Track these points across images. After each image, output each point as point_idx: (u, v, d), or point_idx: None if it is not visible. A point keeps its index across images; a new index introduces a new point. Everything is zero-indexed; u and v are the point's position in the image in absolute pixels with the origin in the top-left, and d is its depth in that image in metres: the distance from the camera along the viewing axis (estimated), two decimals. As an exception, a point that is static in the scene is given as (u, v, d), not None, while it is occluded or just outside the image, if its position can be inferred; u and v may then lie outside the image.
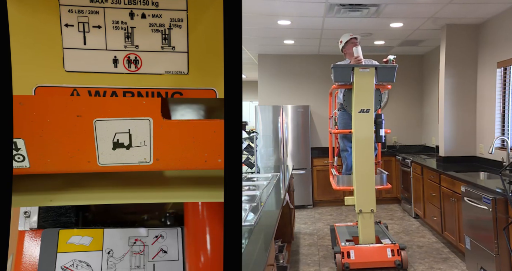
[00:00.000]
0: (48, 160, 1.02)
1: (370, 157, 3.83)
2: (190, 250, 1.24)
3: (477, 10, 4.40)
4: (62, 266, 1.33)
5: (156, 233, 1.40)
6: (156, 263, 1.38)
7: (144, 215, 1.51)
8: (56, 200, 1.13)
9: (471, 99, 5.02)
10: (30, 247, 1.35)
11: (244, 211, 2.43)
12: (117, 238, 1.37)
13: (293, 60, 7.05)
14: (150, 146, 1.03)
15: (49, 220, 1.38)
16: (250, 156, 4.17)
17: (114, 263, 1.35)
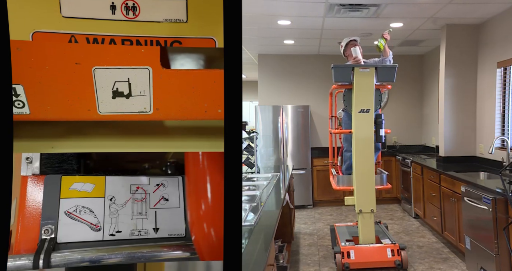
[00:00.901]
0: (48, 107, 1.01)
1: (370, 157, 3.83)
2: (191, 198, 1.25)
3: (477, 10, 4.40)
4: (65, 211, 1.35)
5: (157, 181, 1.41)
6: (158, 210, 1.39)
7: (145, 164, 1.51)
8: (57, 147, 1.13)
9: (471, 99, 5.02)
10: (33, 192, 1.36)
11: (244, 211, 2.43)
12: (119, 186, 1.39)
13: (293, 60, 7.05)
14: (149, 96, 1.03)
15: (51, 167, 1.40)
16: (250, 156, 4.17)
17: (116, 209, 1.37)
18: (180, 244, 1.36)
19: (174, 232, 1.39)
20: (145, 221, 1.38)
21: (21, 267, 1.26)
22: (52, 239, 1.32)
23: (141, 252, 1.32)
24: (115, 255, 1.30)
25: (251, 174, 4.08)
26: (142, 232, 1.36)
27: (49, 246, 1.30)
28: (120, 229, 1.36)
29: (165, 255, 1.34)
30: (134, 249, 1.32)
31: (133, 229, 1.36)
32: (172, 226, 1.39)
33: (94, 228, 1.35)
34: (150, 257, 1.33)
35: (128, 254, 1.31)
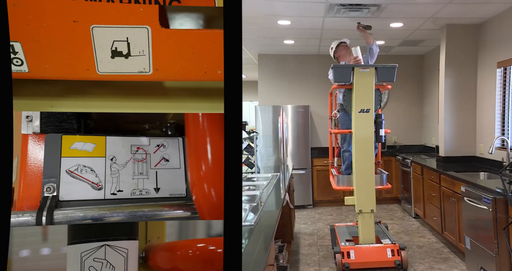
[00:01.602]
0: (47, 65, 1.01)
1: (370, 157, 3.83)
2: (191, 159, 1.26)
3: (477, 10, 4.40)
4: (66, 170, 1.36)
5: (158, 142, 1.42)
6: (159, 170, 1.41)
7: (145, 125, 1.52)
8: (57, 106, 1.14)
9: (471, 99, 5.01)
10: (34, 150, 1.37)
11: (244, 211, 2.43)
12: (119, 146, 1.39)
13: (293, 60, 7.04)
14: (149, 56, 1.02)
15: (52, 126, 1.40)
16: (250, 156, 4.17)
17: (117, 169, 1.38)
18: (181, 204, 1.37)
19: (175, 192, 1.40)
20: (146, 181, 1.39)
21: (24, 223, 1.27)
22: (54, 197, 1.33)
23: (142, 211, 1.33)
24: (117, 213, 1.31)
25: (251, 174, 4.08)
26: (143, 192, 1.38)
27: (52, 203, 1.31)
28: (121, 188, 1.37)
29: (166, 214, 1.35)
30: (135, 208, 1.33)
31: (134, 189, 1.37)
32: (173, 186, 1.40)
33: (96, 187, 1.36)
34: (152, 216, 1.34)
35: (129, 213, 1.32)
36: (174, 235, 1.66)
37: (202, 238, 1.55)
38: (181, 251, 1.36)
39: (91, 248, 1.25)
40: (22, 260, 1.45)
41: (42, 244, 1.48)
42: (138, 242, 1.36)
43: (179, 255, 1.36)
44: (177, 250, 1.38)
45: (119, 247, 1.28)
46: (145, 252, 1.42)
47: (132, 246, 1.31)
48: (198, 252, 1.33)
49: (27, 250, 1.46)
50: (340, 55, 4.24)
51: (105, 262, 1.25)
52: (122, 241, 1.29)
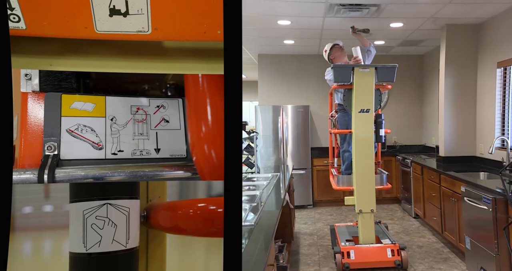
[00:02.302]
0: (44, 23, 1.00)
1: (370, 157, 3.83)
2: (191, 120, 1.26)
3: (477, 10, 4.40)
4: (67, 129, 1.36)
5: (158, 103, 1.42)
6: (159, 131, 1.41)
7: (145, 85, 1.52)
8: (55, 65, 1.13)
9: (471, 99, 5.01)
10: (34, 108, 1.37)
11: (244, 211, 2.43)
12: (119, 106, 1.40)
13: (293, 60, 7.04)
14: (147, 15, 1.00)
15: (51, 84, 1.40)
16: (250, 156, 4.17)
17: (117, 129, 1.38)
18: (182, 165, 1.39)
19: (175, 153, 1.41)
20: (146, 141, 1.39)
21: (26, 180, 1.28)
22: (55, 155, 1.34)
23: (143, 171, 1.34)
24: (118, 173, 1.33)
25: (251, 174, 4.08)
26: (144, 152, 1.39)
27: (53, 162, 1.32)
28: (122, 148, 1.38)
29: (167, 175, 1.36)
30: (136, 168, 1.34)
31: (135, 149, 1.38)
32: (173, 147, 1.41)
33: (96, 146, 1.37)
34: (152, 176, 1.35)
35: (130, 173, 1.33)
36: (175, 195, 1.67)
37: (203, 198, 1.56)
38: (182, 211, 1.37)
39: (93, 206, 1.26)
40: (25, 217, 1.47)
41: (44, 202, 1.50)
42: (140, 201, 1.37)
43: (180, 214, 1.37)
44: (178, 209, 1.39)
45: (121, 206, 1.28)
46: (146, 211, 1.42)
47: (134, 205, 1.32)
48: (199, 211, 1.33)
49: (30, 207, 1.48)
50: (334, 57, 4.24)
51: (107, 220, 1.26)
52: (123, 200, 1.30)
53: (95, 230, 1.24)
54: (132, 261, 1.32)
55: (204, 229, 1.33)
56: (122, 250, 1.27)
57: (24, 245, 1.46)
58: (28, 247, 1.47)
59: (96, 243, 1.24)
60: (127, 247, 1.29)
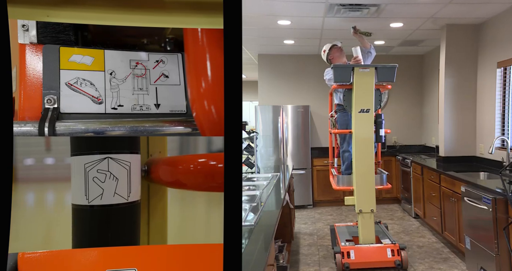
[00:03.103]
0: None
1: (370, 157, 3.83)
2: (191, 76, 1.25)
3: (477, 10, 4.40)
4: (66, 83, 1.36)
5: (157, 57, 1.41)
6: (158, 87, 1.41)
7: (144, 39, 1.51)
8: (53, 16, 1.12)
9: (471, 99, 5.01)
10: (32, 60, 1.36)
11: (244, 211, 2.43)
12: (118, 60, 1.39)
13: (293, 60, 7.04)
14: None
15: (48, 36, 1.38)
16: (250, 156, 4.17)
17: (117, 84, 1.38)
18: (182, 120, 1.39)
19: (175, 108, 1.41)
20: (146, 96, 1.39)
21: (27, 133, 1.28)
22: (55, 108, 1.33)
23: (143, 126, 1.34)
24: (118, 127, 1.33)
25: (251, 174, 4.08)
26: (144, 107, 1.38)
27: (53, 115, 1.32)
28: (121, 103, 1.37)
29: (167, 130, 1.36)
30: (136, 123, 1.34)
31: (135, 104, 1.38)
32: (173, 103, 1.41)
33: (96, 101, 1.36)
34: (153, 131, 1.35)
35: (131, 128, 1.33)
36: (175, 150, 1.68)
37: (203, 154, 1.57)
38: (183, 166, 1.38)
39: (94, 160, 1.27)
40: (27, 168, 1.49)
41: (45, 154, 1.51)
42: (140, 156, 1.38)
43: (181, 169, 1.38)
44: (178, 164, 1.40)
45: (122, 160, 1.30)
46: (147, 165, 1.43)
47: (135, 160, 1.33)
48: (199, 166, 1.35)
49: (31, 159, 1.49)
50: (333, 57, 4.25)
51: (108, 174, 1.27)
52: (124, 155, 1.31)
53: (97, 183, 1.26)
54: (133, 214, 1.35)
55: (205, 184, 1.34)
56: (124, 203, 1.30)
57: (27, 196, 1.48)
58: (31, 198, 1.50)
59: (98, 196, 1.27)
60: (128, 201, 1.31)
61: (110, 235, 1.30)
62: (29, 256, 1.18)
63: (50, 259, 1.18)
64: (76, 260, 1.18)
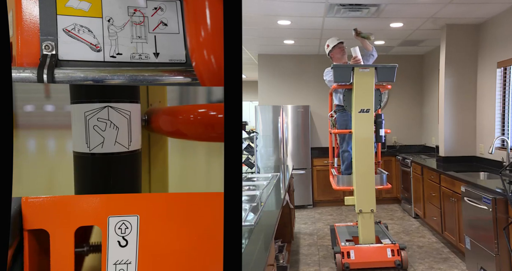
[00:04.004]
0: None
1: (370, 157, 3.83)
2: (190, 24, 1.23)
3: (477, 10, 4.40)
4: (64, 29, 1.34)
5: (155, 5, 1.40)
6: (157, 35, 1.40)
7: None
8: None
9: (471, 99, 5.01)
10: (28, 5, 1.34)
11: (244, 211, 2.43)
12: (116, 7, 1.37)
13: (293, 60, 7.04)
14: None
15: None
16: (250, 156, 4.17)
17: (115, 31, 1.37)
18: (181, 70, 1.37)
19: (174, 57, 1.39)
20: (145, 45, 1.38)
21: (25, 79, 1.27)
22: (53, 55, 1.32)
23: (143, 76, 1.33)
24: (118, 76, 1.32)
25: (251, 174, 4.08)
26: (143, 56, 1.37)
27: (51, 61, 1.31)
28: (120, 51, 1.36)
29: (166, 80, 1.35)
30: (135, 72, 1.34)
31: (134, 53, 1.37)
32: (172, 52, 1.40)
33: (94, 48, 1.35)
34: (152, 81, 1.35)
35: (130, 77, 1.32)
36: (175, 100, 1.68)
37: (203, 104, 1.56)
38: (183, 116, 1.38)
39: (94, 108, 1.27)
40: (27, 115, 1.49)
41: (45, 101, 1.51)
42: (140, 105, 1.38)
43: (181, 120, 1.38)
44: (178, 114, 1.40)
45: (122, 109, 1.30)
46: (147, 115, 1.43)
47: (135, 109, 1.34)
48: (199, 117, 1.35)
49: (31, 106, 1.49)
50: (334, 56, 4.23)
51: (108, 123, 1.27)
52: (124, 104, 1.31)
53: (97, 132, 1.27)
54: (135, 163, 1.36)
55: (205, 134, 1.34)
56: (125, 152, 1.31)
57: (28, 142, 1.49)
58: (33, 144, 1.51)
59: (99, 144, 1.27)
60: (129, 149, 1.32)
61: (112, 182, 1.32)
62: (32, 201, 1.19)
63: (53, 204, 1.20)
64: (79, 206, 1.20)
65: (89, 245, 1.32)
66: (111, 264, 1.17)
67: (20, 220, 1.18)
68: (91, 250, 1.31)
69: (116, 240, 1.17)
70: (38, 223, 1.18)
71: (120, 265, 1.17)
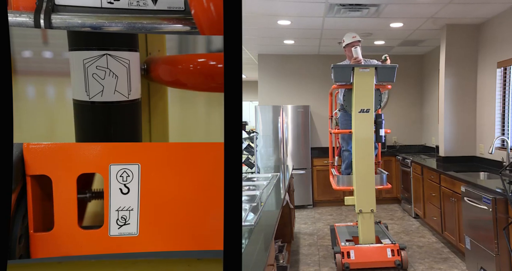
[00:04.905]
0: None
1: (370, 157, 3.83)
2: None
3: (477, 10, 4.40)
4: None
5: None
6: None
7: None
8: None
9: (471, 99, 5.01)
10: None
11: (244, 211, 2.43)
12: None
13: (293, 60, 7.04)
14: None
15: None
16: (250, 156, 4.17)
17: None
18: (180, 18, 1.35)
19: (173, 5, 1.37)
20: None
21: (22, 23, 1.26)
22: (50, 0, 1.31)
23: (141, 23, 1.32)
24: (116, 23, 1.30)
25: (251, 174, 4.08)
26: (141, 3, 1.35)
27: (48, 6, 1.29)
28: None
29: (165, 28, 1.34)
30: (134, 20, 1.32)
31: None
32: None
33: None
34: (151, 29, 1.33)
35: (128, 24, 1.31)
36: (174, 49, 1.66)
37: (202, 53, 1.55)
38: (182, 65, 1.37)
39: (93, 56, 1.26)
40: (25, 60, 1.48)
41: (43, 47, 1.50)
42: (139, 54, 1.37)
43: (180, 69, 1.37)
44: (178, 64, 1.39)
45: (121, 57, 1.29)
46: (146, 64, 1.42)
47: (134, 57, 1.33)
48: (199, 66, 1.34)
49: (29, 51, 1.48)
50: (347, 53, 4.17)
51: (107, 71, 1.27)
52: (123, 52, 1.30)
53: (97, 80, 1.26)
54: (135, 111, 1.36)
55: (204, 84, 1.34)
56: (125, 101, 1.30)
57: (27, 88, 1.48)
58: (32, 90, 1.50)
59: (98, 93, 1.27)
60: (129, 98, 1.31)
61: (112, 131, 1.32)
62: (34, 147, 1.20)
63: (54, 150, 1.21)
64: (81, 153, 1.21)
65: (91, 191, 1.33)
66: (113, 210, 1.19)
67: (22, 166, 1.19)
68: (94, 196, 1.33)
69: (118, 187, 1.19)
70: (40, 169, 1.20)
71: (123, 211, 1.19)
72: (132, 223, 1.19)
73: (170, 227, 1.20)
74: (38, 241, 1.21)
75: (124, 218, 1.19)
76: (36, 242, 1.21)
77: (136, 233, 1.19)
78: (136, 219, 1.19)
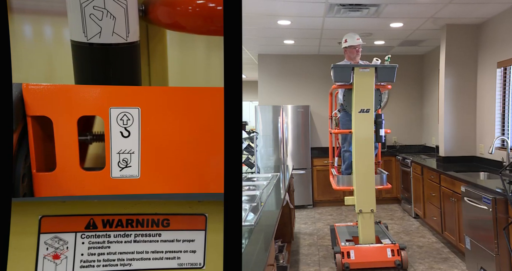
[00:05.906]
0: None
1: (370, 157, 3.83)
2: None
3: (477, 10, 4.40)
4: None
5: None
6: None
7: None
8: None
9: (471, 99, 5.01)
10: None
11: (244, 211, 2.43)
12: None
13: (293, 60, 7.05)
14: None
15: None
16: (250, 156, 4.17)
17: None
18: None
19: None
20: None
21: None
22: None
23: None
24: None
25: (251, 174, 4.08)
26: None
27: None
28: None
29: None
30: None
31: None
32: None
33: None
34: None
35: None
36: None
37: None
38: (181, 7, 1.35)
39: None
40: None
41: None
42: None
43: (179, 11, 1.36)
44: (176, 5, 1.37)
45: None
46: (144, 5, 1.41)
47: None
48: (198, 9, 1.32)
49: None
50: (346, 54, 4.16)
51: (105, 12, 1.25)
52: None
53: (94, 21, 1.25)
54: (133, 54, 1.35)
55: (204, 27, 1.33)
56: (123, 43, 1.29)
57: (24, 27, 1.45)
58: (29, 30, 1.47)
59: (96, 34, 1.25)
60: (127, 41, 1.30)
61: (111, 74, 1.31)
62: (33, 88, 1.20)
63: (54, 92, 1.21)
64: (80, 95, 1.21)
65: (92, 134, 1.33)
66: (115, 153, 1.20)
67: (23, 106, 1.19)
68: (95, 138, 1.33)
69: (118, 130, 1.20)
70: (40, 110, 1.20)
71: (124, 154, 1.20)
72: (134, 166, 1.21)
73: (171, 170, 1.22)
74: (41, 181, 1.22)
75: (126, 161, 1.21)
76: (39, 182, 1.22)
77: (138, 175, 1.21)
78: (138, 162, 1.21)
